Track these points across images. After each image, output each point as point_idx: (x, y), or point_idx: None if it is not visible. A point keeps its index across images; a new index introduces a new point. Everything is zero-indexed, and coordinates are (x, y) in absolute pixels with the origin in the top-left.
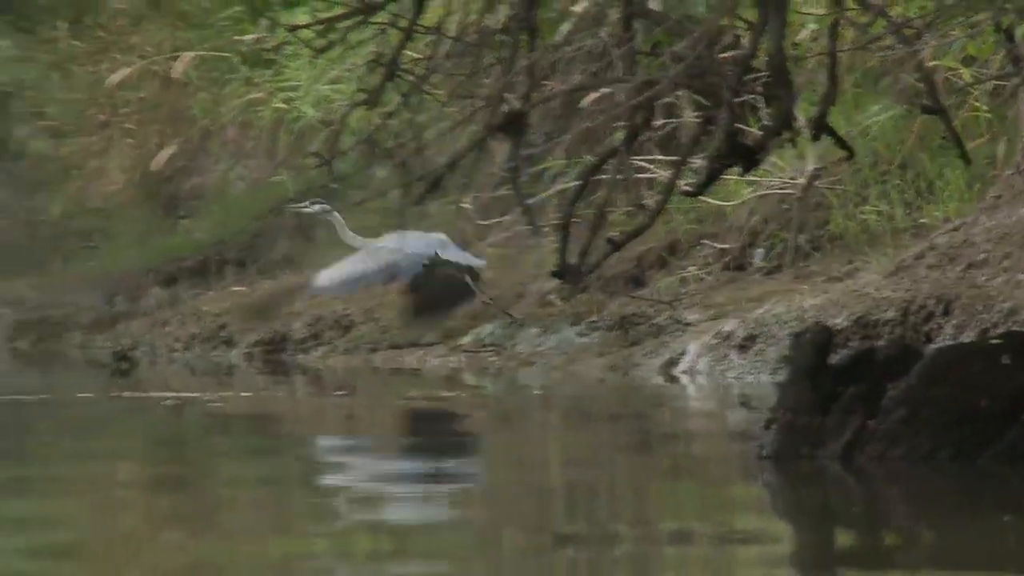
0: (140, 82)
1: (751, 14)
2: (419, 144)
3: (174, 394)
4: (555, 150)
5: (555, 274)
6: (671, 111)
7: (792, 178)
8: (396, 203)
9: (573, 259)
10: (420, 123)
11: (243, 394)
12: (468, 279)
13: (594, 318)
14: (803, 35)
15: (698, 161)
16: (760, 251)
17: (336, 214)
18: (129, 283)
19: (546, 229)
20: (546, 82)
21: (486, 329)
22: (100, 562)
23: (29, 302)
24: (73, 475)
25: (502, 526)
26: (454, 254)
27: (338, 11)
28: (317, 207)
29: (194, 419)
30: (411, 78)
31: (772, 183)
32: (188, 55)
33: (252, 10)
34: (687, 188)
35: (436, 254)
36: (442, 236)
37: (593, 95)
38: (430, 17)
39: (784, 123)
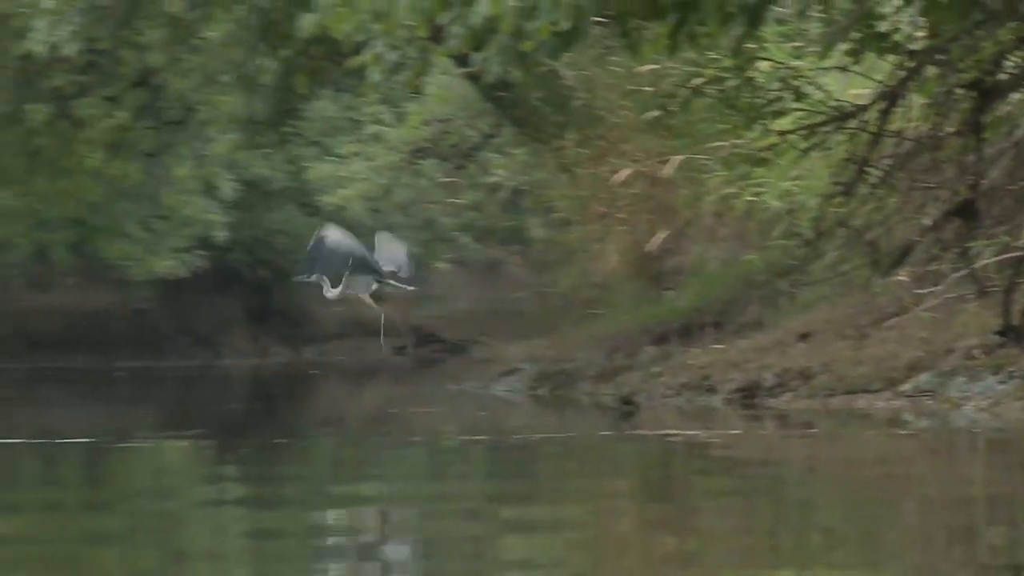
0: (634, 181)
1: None
2: (887, 227)
3: (673, 431)
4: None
5: (999, 332)
6: None
7: None
8: (856, 277)
9: (1015, 320)
10: (886, 209)
11: (732, 432)
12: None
13: (1012, 368)
14: None
15: None
16: None
17: (325, 279)
18: (626, 342)
19: (971, 296)
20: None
21: (923, 378)
22: (599, 552)
23: (545, 358)
24: (578, 488)
25: (932, 530)
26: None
27: (819, 119)
28: (314, 277)
29: (687, 449)
30: (878, 172)
31: None
32: (676, 158)
33: (748, 119)
34: None
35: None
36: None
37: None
38: (894, 121)
39: None
